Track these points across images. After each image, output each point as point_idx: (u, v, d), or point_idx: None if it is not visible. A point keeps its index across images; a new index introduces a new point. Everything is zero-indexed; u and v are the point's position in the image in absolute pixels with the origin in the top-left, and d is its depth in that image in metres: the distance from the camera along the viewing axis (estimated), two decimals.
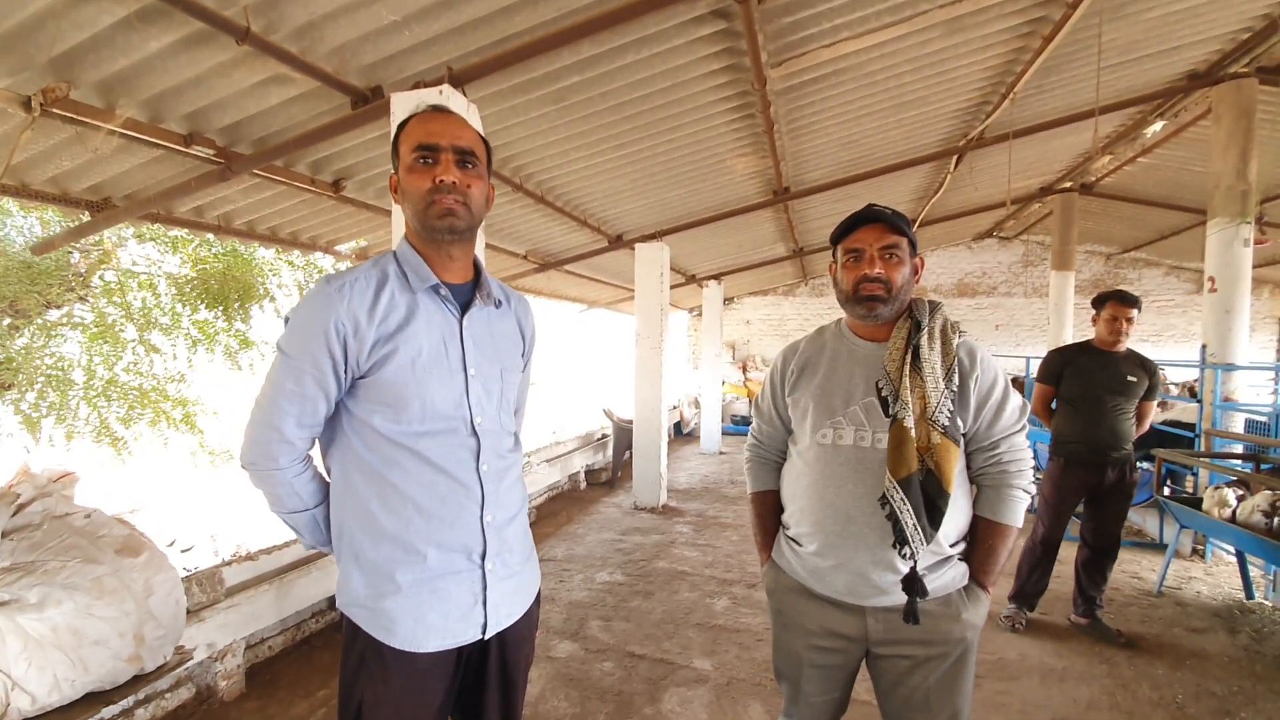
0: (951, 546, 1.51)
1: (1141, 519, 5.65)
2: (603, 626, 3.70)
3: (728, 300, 12.78)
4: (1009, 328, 11.95)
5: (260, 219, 4.41)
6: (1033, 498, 1.55)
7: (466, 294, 1.38)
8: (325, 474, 1.39)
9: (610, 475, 7.91)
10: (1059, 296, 8.85)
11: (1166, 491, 4.82)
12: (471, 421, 1.32)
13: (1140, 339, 11.41)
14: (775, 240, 8.79)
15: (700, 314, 12.18)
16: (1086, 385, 3.40)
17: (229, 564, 3.14)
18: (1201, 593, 4.19)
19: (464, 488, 1.30)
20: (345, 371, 1.25)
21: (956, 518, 1.50)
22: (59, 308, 7.35)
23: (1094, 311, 3.44)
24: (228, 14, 2.34)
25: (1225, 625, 3.70)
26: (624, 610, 3.93)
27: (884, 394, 1.50)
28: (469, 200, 1.28)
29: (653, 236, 6.51)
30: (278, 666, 3.21)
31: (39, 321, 7.10)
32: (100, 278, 7.70)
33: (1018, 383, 7.73)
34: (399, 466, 1.26)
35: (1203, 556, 4.83)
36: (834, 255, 1.61)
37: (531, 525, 2.03)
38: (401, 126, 1.31)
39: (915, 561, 1.44)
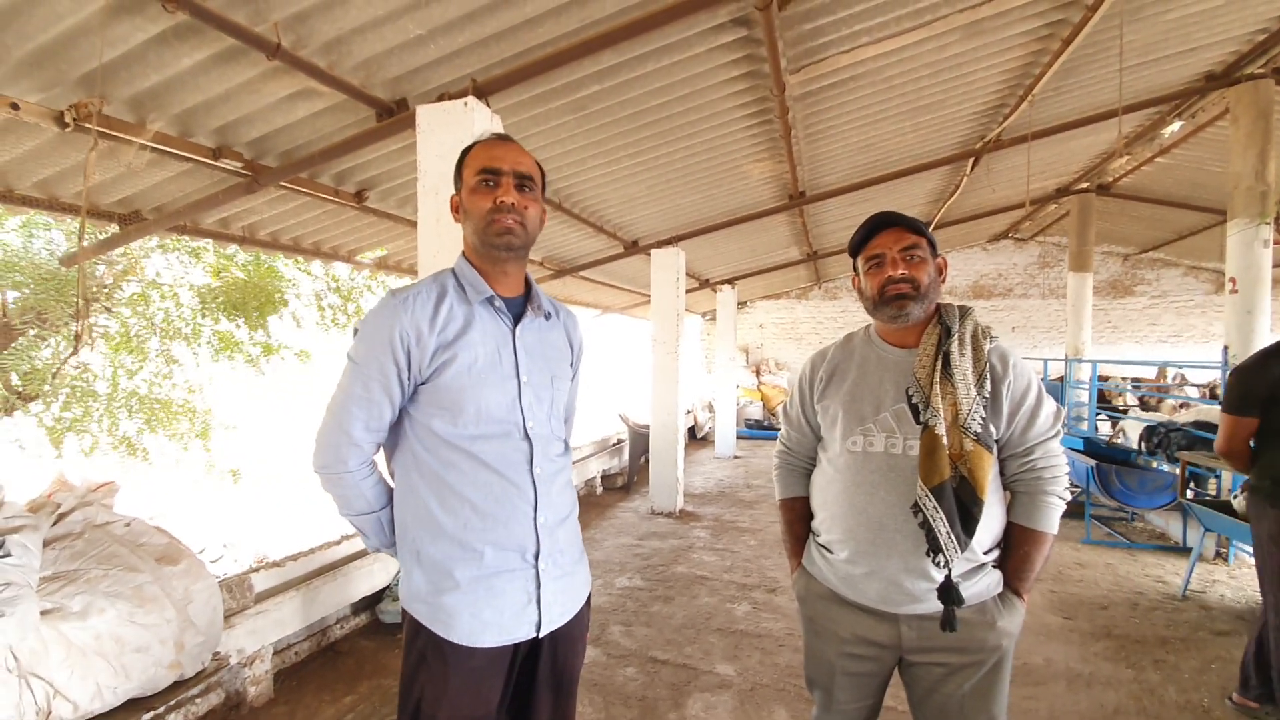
0: (985, 554, 1.51)
1: (1164, 522, 5.60)
2: (624, 632, 3.71)
3: (741, 304, 12.76)
4: (1026, 329, 11.87)
5: (284, 230, 4.46)
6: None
7: (519, 306, 1.48)
8: (389, 479, 1.48)
9: (626, 480, 7.92)
10: (1077, 298, 8.78)
11: (1190, 495, 4.78)
12: (524, 426, 1.40)
13: (1159, 340, 11.28)
14: (789, 244, 8.79)
15: (714, 318, 12.18)
16: None
17: (257, 570, 3.18)
18: (1225, 596, 4.15)
19: (518, 489, 1.38)
20: (409, 377, 1.34)
21: (990, 525, 1.50)
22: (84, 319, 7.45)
23: None
24: (259, 30, 2.38)
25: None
26: (644, 615, 3.94)
27: (914, 401, 1.50)
28: (525, 220, 1.39)
29: (668, 242, 6.53)
30: (304, 672, 3.25)
31: (64, 332, 7.21)
32: (122, 287, 7.81)
33: None
34: (456, 468, 1.35)
35: (1226, 559, 4.78)
36: (855, 268, 1.62)
37: None
38: (466, 152, 1.43)
39: (950, 570, 1.44)
